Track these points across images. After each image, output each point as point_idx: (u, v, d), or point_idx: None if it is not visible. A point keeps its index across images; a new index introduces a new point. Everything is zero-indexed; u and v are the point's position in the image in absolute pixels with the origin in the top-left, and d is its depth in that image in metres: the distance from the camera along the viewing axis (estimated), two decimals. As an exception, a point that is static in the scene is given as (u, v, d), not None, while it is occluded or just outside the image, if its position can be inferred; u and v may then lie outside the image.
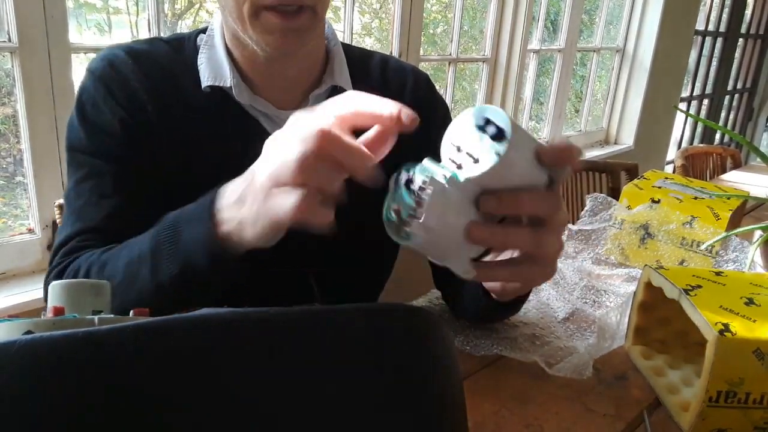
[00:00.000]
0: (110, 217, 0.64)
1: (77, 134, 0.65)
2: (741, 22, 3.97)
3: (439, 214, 0.38)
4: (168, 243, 0.51)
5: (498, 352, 0.66)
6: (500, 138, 0.37)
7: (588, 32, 2.75)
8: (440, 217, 0.39)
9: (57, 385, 0.25)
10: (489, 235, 0.40)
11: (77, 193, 0.65)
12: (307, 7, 0.58)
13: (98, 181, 0.64)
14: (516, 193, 0.40)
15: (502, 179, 0.39)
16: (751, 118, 4.61)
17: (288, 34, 0.59)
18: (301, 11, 0.58)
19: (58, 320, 0.30)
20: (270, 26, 0.58)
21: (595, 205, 1.09)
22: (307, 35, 0.60)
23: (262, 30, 0.59)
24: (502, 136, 0.37)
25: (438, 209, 0.38)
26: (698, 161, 2.35)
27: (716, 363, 0.50)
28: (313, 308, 0.31)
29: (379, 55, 0.79)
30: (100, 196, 0.64)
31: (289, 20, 0.58)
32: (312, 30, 0.60)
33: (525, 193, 0.40)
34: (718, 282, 0.60)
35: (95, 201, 0.64)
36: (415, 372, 0.33)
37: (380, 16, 1.95)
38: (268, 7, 0.57)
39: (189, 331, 0.28)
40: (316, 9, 0.59)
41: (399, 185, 0.40)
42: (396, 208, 0.40)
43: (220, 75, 0.66)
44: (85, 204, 0.64)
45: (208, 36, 0.68)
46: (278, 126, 0.70)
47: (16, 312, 1.06)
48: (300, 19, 0.58)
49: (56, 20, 1.07)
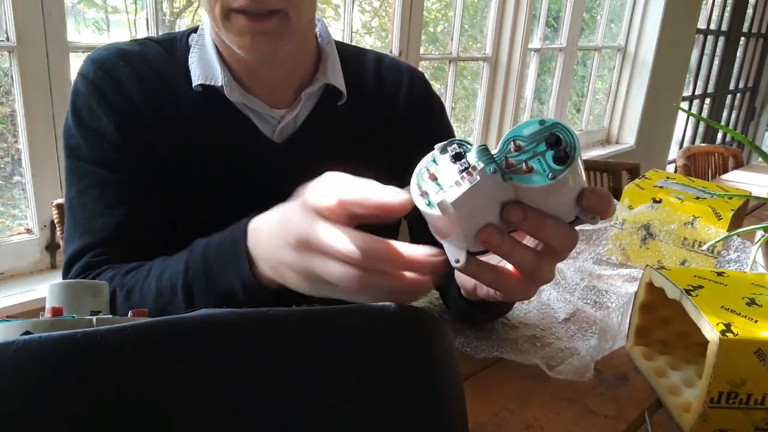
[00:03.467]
0: (119, 228, 0.62)
1: (76, 141, 0.64)
2: (743, 21, 3.96)
3: (470, 203, 0.37)
4: (203, 281, 0.49)
5: (498, 355, 0.66)
6: (561, 163, 0.36)
7: (589, 31, 2.74)
8: (467, 206, 0.37)
9: (56, 385, 0.25)
10: (498, 242, 0.39)
11: (81, 204, 0.63)
12: (278, 11, 0.57)
13: (103, 190, 0.63)
14: (542, 218, 0.39)
15: (539, 201, 0.39)
16: (753, 118, 4.61)
17: (258, 38, 0.58)
18: (270, 15, 0.57)
19: (56, 321, 0.30)
20: (240, 29, 0.58)
21: (596, 204, 1.08)
22: (280, 39, 0.59)
23: (234, 32, 0.58)
24: (563, 162, 0.36)
25: (470, 199, 0.37)
26: (700, 161, 2.35)
27: (718, 364, 0.50)
28: (313, 309, 0.31)
29: (374, 54, 0.78)
30: (105, 206, 0.63)
31: (257, 23, 0.57)
32: (285, 34, 0.59)
33: (552, 220, 0.39)
34: (720, 282, 0.60)
35: (101, 212, 0.63)
36: (416, 372, 0.32)
37: (380, 15, 1.95)
38: (237, 10, 0.56)
39: (188, 331, 0.28)
40: (288, 13, 0.58)
41: (447, 153, 0.38)
42: (432, 173, 0.39)
43: (211, 74, 0.65)
44: (92, 215, 0.63)
45: (199, 35, 0.68)
46: (270, 124, 0.70)
47: (14, 312, 1.06)
48: (269, 23, 0.57)
49: (54, 19, 1.07)
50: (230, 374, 0.28)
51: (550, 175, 0.36)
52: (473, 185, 0.36)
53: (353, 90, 0.72)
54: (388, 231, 0.79)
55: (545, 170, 0.37)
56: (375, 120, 0.74)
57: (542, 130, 0.38)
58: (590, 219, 0.40)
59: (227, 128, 0.67)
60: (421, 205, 0.39)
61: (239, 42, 0.59)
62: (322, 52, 0.71)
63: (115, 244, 0.62)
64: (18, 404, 0.24)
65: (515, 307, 0.78)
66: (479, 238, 0.40)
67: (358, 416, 0.30)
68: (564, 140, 0.37)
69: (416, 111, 0.77)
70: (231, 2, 0.56)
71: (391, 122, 0.75)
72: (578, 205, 0.39)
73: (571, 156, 0.36)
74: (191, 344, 0.28)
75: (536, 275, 0.42)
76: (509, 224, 0.39)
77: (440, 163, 0.39)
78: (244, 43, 0.59)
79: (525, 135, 0.38)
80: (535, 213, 0.39)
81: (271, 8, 0.57)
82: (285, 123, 0.68)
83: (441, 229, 0.40)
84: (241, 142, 0.68)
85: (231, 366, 0.28)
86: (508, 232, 0.41)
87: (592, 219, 0.40)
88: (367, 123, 0.74)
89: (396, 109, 0.75)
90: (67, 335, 0.26)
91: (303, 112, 0.70)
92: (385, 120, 0.74)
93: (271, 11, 0.57)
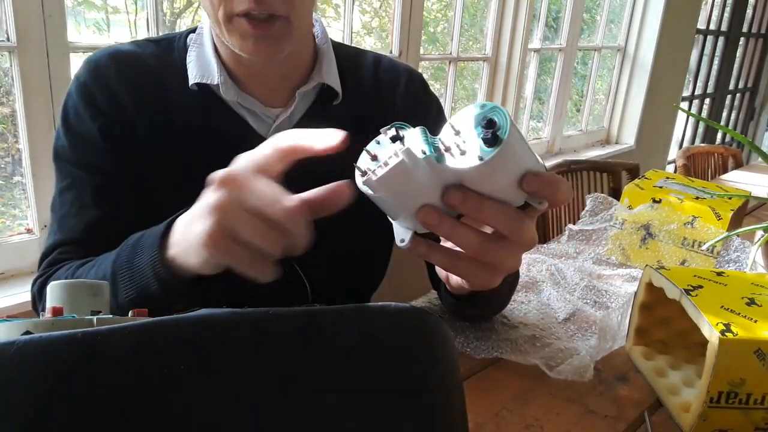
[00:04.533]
0: (88, 230, 0.65)
1: (62, 142, 0.66)
2: (742, 21, 3.96)
3: (399, 183, 0.38)
4: (125, 268, 0.51)
5: (498, 355, 0.66)
6: (492, 145, 0.36)
7: (589, 31, 2.74)
8: (398, 185, 0.38)
9: (56, 384, 0.25)
10: (437, 222, 0.40)
11: (61, 202, 0.66)
12: (280, 16, 0.58)
13: (79, 192, 0.65)
14: (482, 200, 0.39)
15: (478, 184, 0.39)
16: (753, 118, 4.61)
17: (260, 41, 0.59)
18: (272, 20, 0.58)
19: (56, 321, 0.30)
20: (243, 32, 0.59)
21: (596, 204, 1.09)
22: (281, 43, 0.60)
23: (236, 35, 0.59)
24: (494, 144, 0.36)
25: (400, 178, 0.38)
26: (700, 161, 2.35)
27: (717, 363, 0.50)
28: (312, 309, 0.31)
29: (373, 55, 0.78)
30: (80, 208, 0.65)
31: (260, 28, 0.58)
32: (286, 38, 0.60)
33: (491, 203, 0.39)
34: (720, 282, 0.60)
35: (75, 212, 0.65)
36: (415, 372, 0.32)
37: (380, 15, 1.95)
38: (240, 14, 0.57)
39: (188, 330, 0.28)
40: (290, 18, 0.59)
41: (386, 135, 0.40)
42: (374, 154, 0.40)
43: (208, 73, 0.66)
44: (66, 214, 0.65)
45: (198, 35, 0.69)
46: (265, 123, 0.70)
47: (14, 312, 1.06)
48: (272, 28, 0.59)
49: (55, 19, 1.07)
50: (230, 374, 0.28)
51: (479, 156, 0.36)
52: (397, 164, 0.37)
53: (349, 90, 0.72)
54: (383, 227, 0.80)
55: (476, 153, 0.37)
56: (371, 120, 0.74)
57: (479, 114, 0.38)
58: (538, 203, 0.40)
59: (221, 127, 0.67)
60: (360, 184, 0.40)
61: (241, 45, 0.60)
62: (319, 52, 0.72)
63: (84, 245, 0.64)
64: (18, 404, 0.24)
65: (515, 307, 0.78)
66: (417, 218, 0.40)
67: (357, 416, 0.30)
68: (498, 122, 0.37)
69: (413, 112, 0.77)
70: (234, 7, 0.57)
71: (387, 122, 0.75)
72: (521, 189, 0.39)
73: (501, 138, 0.36)
74: (191, 344, 0.28)
75: (489, 259, 0.42)
76: (451, 207, 0.40)
77: (381, 144, 0.40)
78: (246, 46, 0.60)
79: (464, 119, 0.38)
80: (474, 196, 0.39)
81: (274, 13, 0.58)
82: (280, 122, 0.69)
83: (382, 208, 0.42)
84: (234, 140, 0.68)
85: (231, 366, 0.28)
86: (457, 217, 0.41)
87: (540, 203, 0.40)
88: (362, 123, 0.74)
89: (392, 109, 0.75)
90: (67, 335, 0.26)
91: (298, 111, 0.70)
92: (381, 120, 0.74)
93: (274, 16, 0.58)
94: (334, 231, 0.76)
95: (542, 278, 0.88)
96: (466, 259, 0.43)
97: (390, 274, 0.86)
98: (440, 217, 0.40)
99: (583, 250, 0.99)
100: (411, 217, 0.41)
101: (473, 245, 0.41)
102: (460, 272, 0.44)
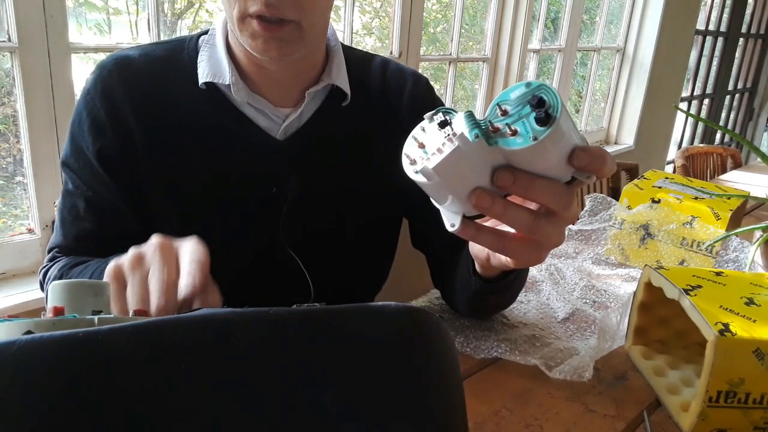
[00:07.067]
0: (78, 240, 0.69)
1: (67, 147, 0.68)
2: (742, 21, 3.97)
3: (453, 168, 0.38)
4: None
5: (498, 355, 0.66)
6: (543, 124, 0.36)
7: (588, 32, 2.75)
8: (453, 171, 0.38)
9: (57, 384, 0.25)
10: (489, 204, 0.40)
11: (63, 205, 0.70)
12: (290, 20, 0.59)
13: (76, 201, 0.68)
14: (533, 179, 0.39)
15: (528, 163, 0.39)
16: (752, 118, 4.61)
17: (269, 41, 0.60)
18: (283, 23, 0.59)
19: (58, 320, 0.30)
20: (253, 32, 0.60)
21: (595, 205, 1.09)
22: (291, 46, 0.61)
23: (248, 35, 0.61)
24: (545, 123, 0.36)
25: (454, 163, 0.38)
26: (698, 161, 2.35)
27: (716, 363, 0.50)
28: (313, 308, 0.31)
29: (380, 58, 0.79)
30: (74, 217, 0.68)
31: (270, 30, 0.59)
32: (296, 41, 0.61)
33: (541, 181, 0.40)
34: (719, 282, 0.60)
35: (71, 220, 0.69)
36: (415, 371, 0.33)
37: (380, 16, 1.95)
38: (252, 15, 0.59)
39: (189, 330, 0.28)
40: (301, 23, 0.60)
41: (433, 122, 0.39)
42: (421, 142, 0.40)
43: (219, 72, 0.66)
44: (65, 220, 0.69)
45: (210, 36, 0.69)
46: (275, 123, 0.71)
47: (16, 312, 1.06)
48: (282, 31, 0.59)
49: (56, 19, 1.07)
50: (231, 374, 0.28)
51: (533, 137, 0.37)
52: (453, 150, 0.37)
53: (358, 92, 0.73)
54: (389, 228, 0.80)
55: (528, 132, 0.37)
56: (378, 122, 0.75)
57: (527, 93, 0.38)
58: (586, 178, 0.40)
59: (229, 127, 0.68)
60: (410, 172, 0.40)
61: (252, 44, 0.61)
62: (330, 53, 0.72)
63: (73, 252, 0.69)
64: (19, 404, 0.24)
65: (514, 306, 0.78)
66: (470, 202, 0.40)
67: (357, 416, 0.30)
68: (548, 101, 0.37)
69: (418, 115, 0.77)
70: (248, 7, 0.58)
71: (394, 124, 0.75)
72: (570, 165, 0.39)
73: (554, 117, 0.36)
74: (192, 344, 0.28)
75: (538, 236, 0.43)
76: (501, 188, 0.40)
77: (428, 131, 0.40)
78: (256, 45, 0.61)
79: (511, 99, 0.38)
80: (524, 175, 0.39)
81: (284, 16, 0.58)
82: (290, 121, 0.69)
83: (431, 194, 0.41)
84: (242, 140, 0.68)
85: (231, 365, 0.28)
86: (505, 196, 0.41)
87: (588, 178, 0.41)
88: (370, 124, 0.74)
89: (398, 112, 0.76)
90: (68, 335, 0.26)
91: (307, 111, 0.71)
92: (387, 122, 0.75)
93: (284, 20, 0.59)
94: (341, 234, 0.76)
95: (542, 278, 0.88)
96: (515, 239, 0.44)
97: (390, 274, 0.86)
98: (492, 198, 0.40)
99: (583, 250, 0.99)
100: (461, 201, 0.41)
101: (525, 223, 0.42)
102: (508, 251, 0.45)
